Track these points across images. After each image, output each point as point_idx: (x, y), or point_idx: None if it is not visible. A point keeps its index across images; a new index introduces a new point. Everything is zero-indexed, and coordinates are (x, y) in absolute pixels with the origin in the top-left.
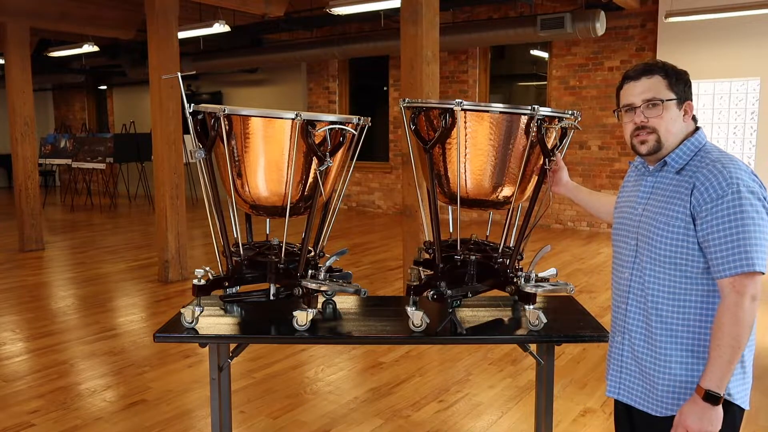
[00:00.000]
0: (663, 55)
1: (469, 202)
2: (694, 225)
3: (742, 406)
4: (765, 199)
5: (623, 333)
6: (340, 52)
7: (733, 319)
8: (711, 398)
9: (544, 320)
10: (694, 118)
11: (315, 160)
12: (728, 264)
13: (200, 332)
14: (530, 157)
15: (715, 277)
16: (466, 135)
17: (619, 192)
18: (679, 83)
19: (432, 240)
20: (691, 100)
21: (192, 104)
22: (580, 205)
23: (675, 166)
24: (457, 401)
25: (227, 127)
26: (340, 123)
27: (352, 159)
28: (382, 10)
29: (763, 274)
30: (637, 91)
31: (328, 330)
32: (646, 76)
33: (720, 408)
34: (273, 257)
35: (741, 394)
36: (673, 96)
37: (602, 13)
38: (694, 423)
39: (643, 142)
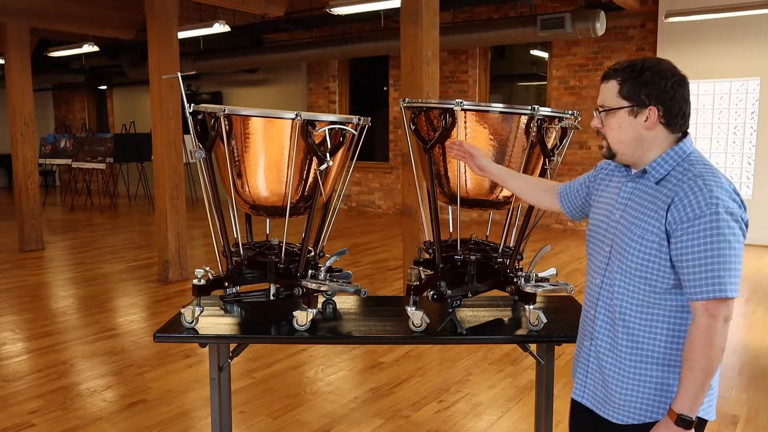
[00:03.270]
0: (663, 55)
1: (469, 202)
2: (668, 242)
3: (707, 418)
4: (743, 219)
5: (591, 339)
6: (340, 52)
7: (706, 342)
8: (683, 422)
9: (544, 320)
10: (676, 125)
11: (315, 160)
12: (702, 288)
13: (200, 332)
14: (530, 157)
15: (690, 299)
16: (466, 135)
17: (595, 189)
18: (636, 88)
19: (432, 240)
20: (666, 104)
21: (192, 104)
22: (512, 192)
23: (655, 176)
24: (457, 401)
25: (227, 127)
26: (340, 123)
27: (352, 159)
28: (382, 10)
29: (736, 297)
30: (600, 94)
31: (328, 330)
32: (605, 80)
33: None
34: (273, 257)
35: (705, 406)
36: (623, 104)
37: (602, 13)
38: None
39: (602, 147)
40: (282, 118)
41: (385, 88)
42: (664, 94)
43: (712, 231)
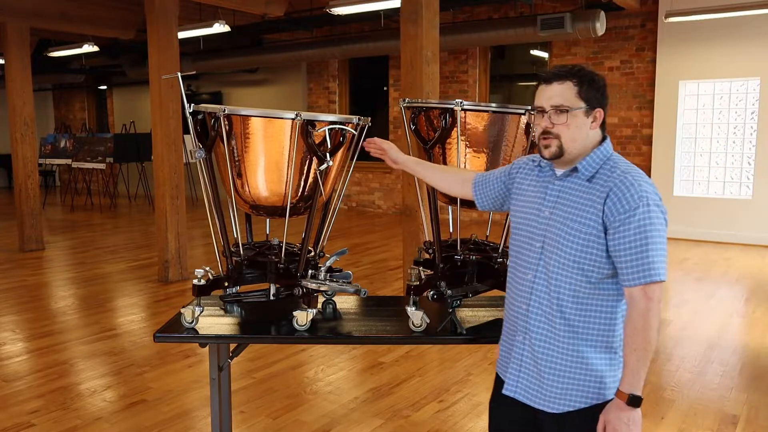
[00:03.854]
0: (663, 55)
1: (469, 202)
2: (605, 233)
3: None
4: (665, 212)
5: (525, 333)
6: (340, 52)
7: (645, 324)
8: (634, 400)
9: None
10: (603, 127)
11: (315, 160)
12: (639, 273)
13: (200, 332)
14: None
15: (624, 285)
16: (466, 135)
17: (515, 188)
18: (591, 90)
19: (432, 240)
20: (604, 108)
21: (192, 104)
22: (425, 181)
23: (586, 174)
24: (457, 401)
25: (227, 127)
26: (340, 123)
27: (352, 159)
28: (382, 10)
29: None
30: (547, 95)
31: (328, 330)
32: (558, 81)
33: (640, 409)
34: (273, 257)
35: (615, 380)
36: (582, 104)
37: (602, 13)
38: (621, 428)
39: (546, 147)
40: (282, 118)
41: (385, 88)
42: (605, 99)
43: (645, 222)
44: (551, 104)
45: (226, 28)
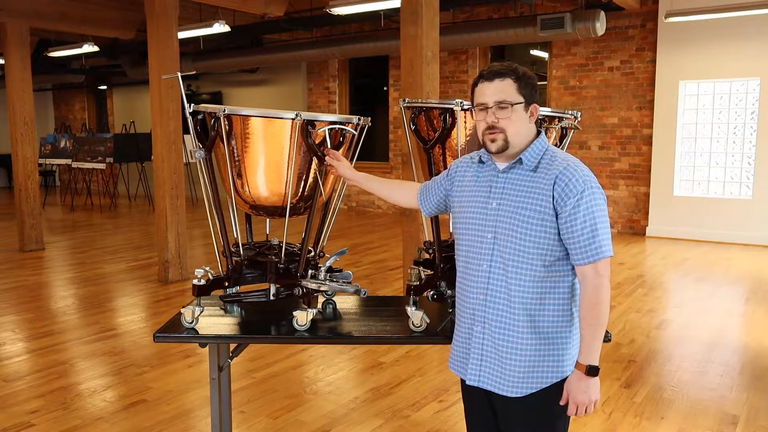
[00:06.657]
0: (663, 54)
1: None
2: (556, 217)
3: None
4: (603, 192)
5: (483, 323)
6: (340, 52)
7: (600, 299)
8: (593, 371)
9: None
10: (537, 123)
11: (315, 160)
12: (592, 251)
13: (200, 332)
14: None
15: (577, 264)
16: (466, 135)
17: (455, 188)
18: (528, 87)
19: (432, 240)
20: (538, 104)
21: (192, 104)
22: (373, 194)
23: (530, 165)
24: (457, 401)
25: (227, 127)
26: (340, 123)
27: (352, 159)
28: (382, 10)
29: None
30: (489, 92)
31: (328, 330)
32: (498, 78)
33: (598, 378)
34: (273, 257)
35: (572, 357)
36: (521, 99)
37: (602, 13)
38: (583, 397)
39: (493, 141)
40: (282, 118)
41: (385, 88)
42: (537, 95)
43: (592, 204)
44: (495, 100)
45: (226, 28)
